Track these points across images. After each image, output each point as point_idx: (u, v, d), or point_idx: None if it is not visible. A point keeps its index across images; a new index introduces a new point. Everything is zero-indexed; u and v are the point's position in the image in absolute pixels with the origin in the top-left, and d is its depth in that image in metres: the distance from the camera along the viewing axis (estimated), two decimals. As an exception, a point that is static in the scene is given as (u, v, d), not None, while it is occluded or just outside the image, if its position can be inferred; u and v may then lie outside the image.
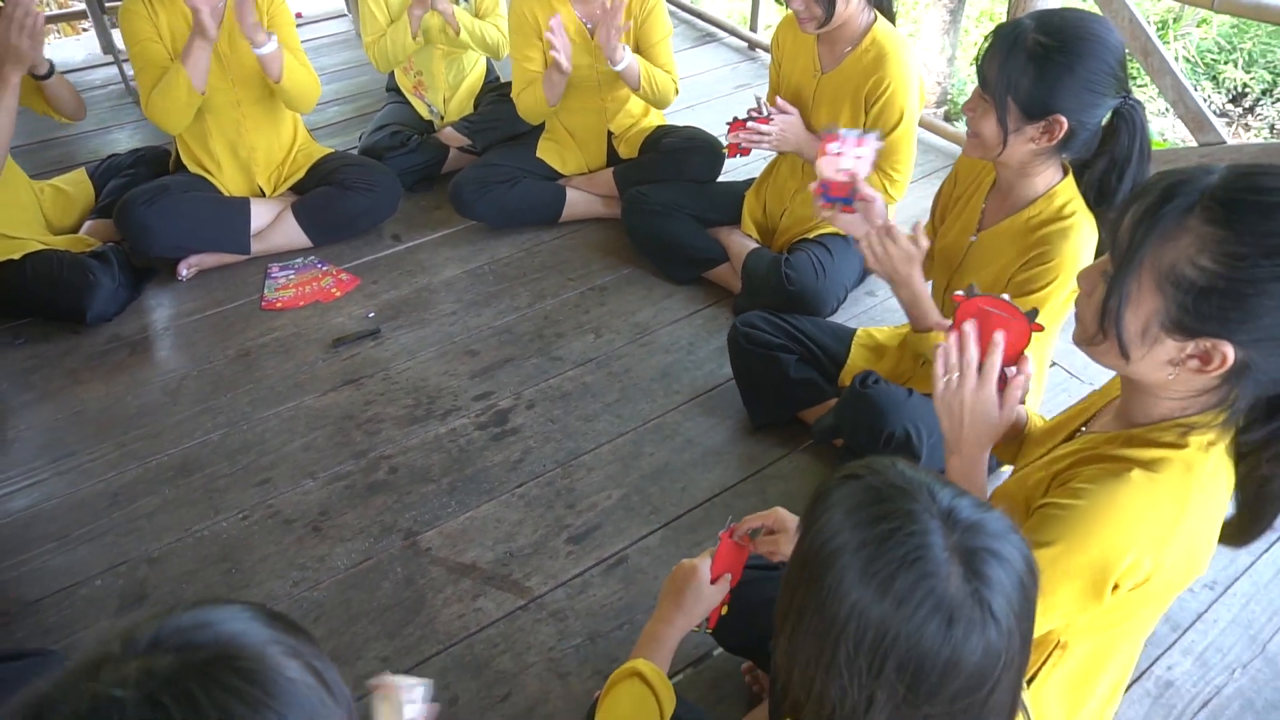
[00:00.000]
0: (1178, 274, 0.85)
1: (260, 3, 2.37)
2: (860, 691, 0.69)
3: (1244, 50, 5.03)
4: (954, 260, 1.68)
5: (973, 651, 0.66)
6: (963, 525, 0.69)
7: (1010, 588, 0.68)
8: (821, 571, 0.71)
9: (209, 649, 0.55)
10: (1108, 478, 0.95)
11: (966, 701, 0.68)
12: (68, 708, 0.52)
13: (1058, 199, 1.50)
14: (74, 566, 1.77)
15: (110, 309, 2.35)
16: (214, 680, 0.53)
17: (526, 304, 2.45)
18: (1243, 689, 1.53)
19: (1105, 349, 0.95)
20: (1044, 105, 1.38)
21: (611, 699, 1.12)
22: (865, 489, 0.73)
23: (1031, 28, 1.37)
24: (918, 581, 0.67)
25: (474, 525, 1.84)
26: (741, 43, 3.95)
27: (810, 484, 1.92)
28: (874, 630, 0.68)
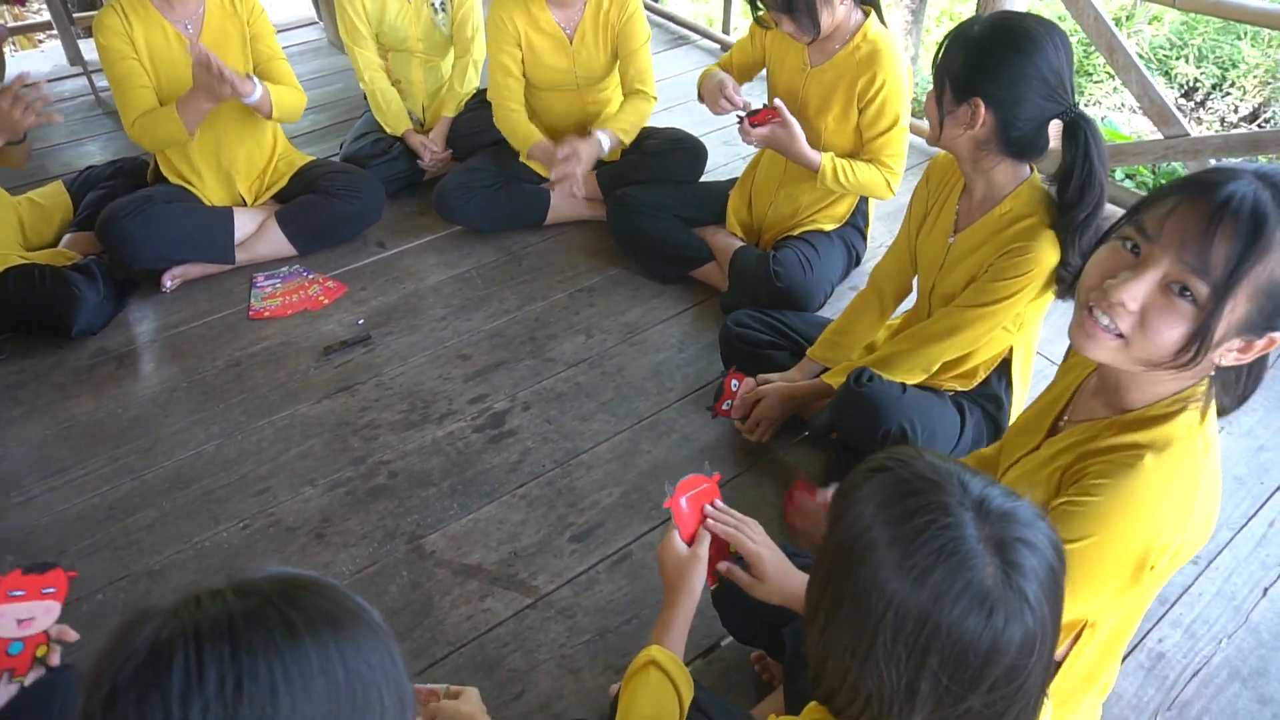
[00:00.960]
0: (1274, 285, 0.87)
1: (241, 12, 2.37)
2: (899, 681, 0.70)
3: (1194, 46, 5.18)
4: (936, 262, 1.74)
5: (1012, 640, 0.68)
6: (995, 515, 0.71)
7: (1043, 574, 0.70)
8: (856, 565, 0.72)
9: (291, 574, 0.61)
10: (1123, 469, 0.98)
11: (1004, 690, 0.69)
12: (184, 616, 0.56)
13: (1023, 196, 1.56)
14: (73, 582, 1.73)
15: (95, 322, 2.32)
16: (305, 588, 0.59)
17: (516, 307, 2.47)
18: (1229, 658, 1.59)
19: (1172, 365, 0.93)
20: (968, 86, 1.47)
21: (630, 692, 1.13)
22: (895, 481, 0.74)
23: (979, 22, 1.48)
24: (955, 574, 0.68)
25: (477, 527, 1.85)
26: (714, 45, 3.99)
27: (804, 464, 1.96)
28: (914, 622, 0.68)
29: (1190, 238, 0.88)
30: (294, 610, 0.57)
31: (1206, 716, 1.50)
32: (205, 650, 0.54)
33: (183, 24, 2.31)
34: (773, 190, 2.37)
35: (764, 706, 1.48)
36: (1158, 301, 0.90)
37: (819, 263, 2.22)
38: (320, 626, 0.57)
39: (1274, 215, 0.85)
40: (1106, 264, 0.96)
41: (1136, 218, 0.94)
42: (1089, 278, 0.98)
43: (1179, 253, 0.88)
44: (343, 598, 0.61)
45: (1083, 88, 4.87)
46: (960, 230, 1.67)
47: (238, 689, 0.53)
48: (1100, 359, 0.98)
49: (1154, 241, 0.91)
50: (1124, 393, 1.04)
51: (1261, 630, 1.63)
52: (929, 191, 1.79)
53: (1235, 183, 0.87)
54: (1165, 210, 0.90)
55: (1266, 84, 4.85)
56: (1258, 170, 0.88)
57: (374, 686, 0.59)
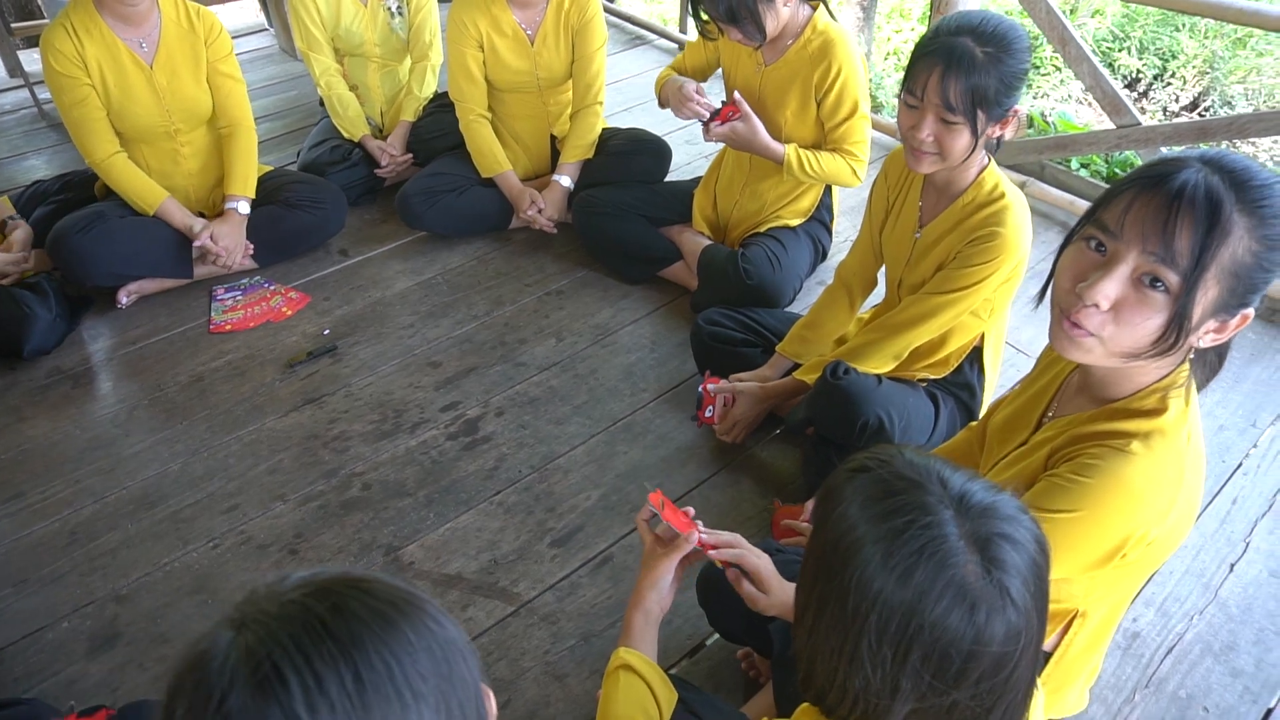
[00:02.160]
0: (1238, 264, 0.89)
1: (199, 30, 2.31)
2: (884, 681, 0.70)
3: (1135, 38, 5.32)
4: (903, 256, 1.76)
5: (995, 636, 0.68)
6: (976, 511, 0.71)
7: (1025, 569, 0.70)
8: (840, 566, 0.72)
9: (343, 572, 0.60)
10: (1115, 454, 0.99)
11: (990, 683, 0.70)
12: (264, 629, 0.55)
13: (987, 183, 1.59)
14: (37, 611, 1.70)
15: (49, 341, 2.25)
16: (367, 579, 0.59)
17: (484, 312, 2.44)
18: (1201, 634, 1.63)
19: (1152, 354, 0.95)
20: (1005, 103, 1.48)
21: (605, 698, 1.12)
22: (876, 481, 0.74)
23: (970, 42, 1.44)
24: (937, 572, 0.68)
25: (455, 536, 1.83)
26: (672, 44, 4.00)
27: (782, 471, 1.97)
28: (897, 622, 0.69)
29: (1151, 230, 0.89)
30: (372, 598, 0.58)
31: (1182, 692, 1.54)
32: (313, 655, 0.53)
33: (137, 42, 2.24)
34: (738, 187, 2.37)
35: (753, 704, 1.48)
36: (1131, 296, 0.92)
37: (787, 259, 2.24)
38: (402, 607, 0.58)
39: (1228, 199, 0.87)
40: (1075, 266, 0.97)
41: (1096, 217, 0.95)
42: (1061, 283, 1.00)
43: (1143, 245, 0.90)
44: (399, 583, 0.62)
45: (1031, 80, 4.97)
46: (926, 224, 1.69)
47: (358, 682, 0.53)
48: (1083, 360, 1.00)
49: (1117, 238, 0.92)
50: (1108, 386, 1.05)
51: (1230, 605, 1.68)
52: (888, 187, 1.81)
53: (1185, 171, 0.89)
54: (1123, 206, 0.92)
55: (1204, 74, 4.99)
56: (1203, 156, 0.91)
57: (459, 651, 0.60)
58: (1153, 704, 1.52)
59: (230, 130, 2.45)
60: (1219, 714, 1.51)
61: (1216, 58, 4.96)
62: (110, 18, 2.20)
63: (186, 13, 2.31)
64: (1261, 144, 4.08)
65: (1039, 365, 1.28)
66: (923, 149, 1.53)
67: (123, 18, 2.20)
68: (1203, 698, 1.53)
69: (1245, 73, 4.91)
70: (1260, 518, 1.83)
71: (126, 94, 2.25)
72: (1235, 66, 4.92)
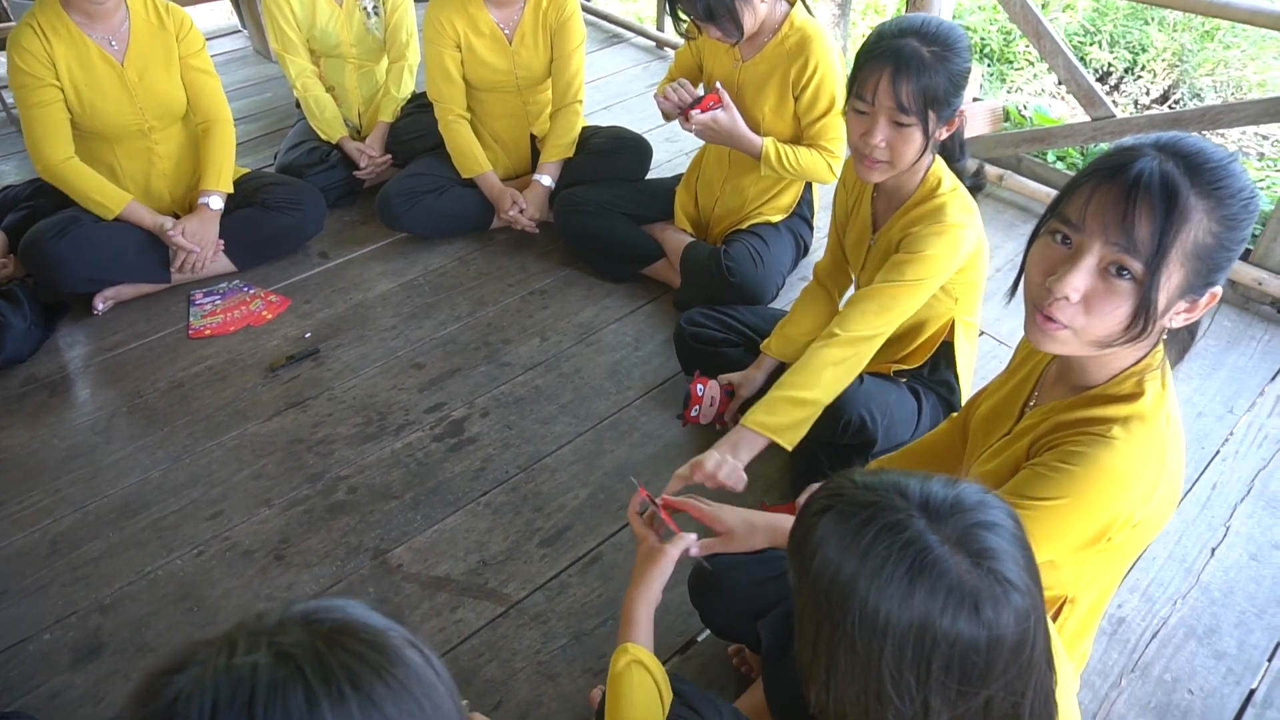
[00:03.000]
0: (1200, 246, 0.91)
1: (170, 27, 2.28)
2: (915, 705, 0.70)
3: (1106, 32, 5.38)
4: (859, 260, 1.79)
5: (1007, 625, 0.69)
6: (944, 512, 0.71)
7: (1011, 548, 0.71)
8: (840, 610, 0.71)
9: (333, 622, 0.59)
10: (1096, 441, 1.01)
11: (1016, 668, 0.70)
12: (208, 675, 0.55)
13: (930, 181, 1.61)
14: (18, 623, 1.67)
15: (24, 350, 2.22)
16: (340, 645, 0.57)
17: (467, 313, 2.43)
18: (1185, 618, 1.66)
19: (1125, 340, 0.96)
20: (953, 103, 1.49)
21: (616, 692, 1.12)
22: (843, 515, 0.74)
23: (915, 44, 1.44)
24: (934, 584, 0.68)
25: (443, 538, 1.82)
26: (649, 42, 4.00)
27: (769, 469, 1.97)
28: (912, 644, 0.69)
29: (1112, 220, 0.91)
30: (321, 677, 0.55)
31: (1168, 675, 1.56)
32: (220, 715, 0.53)
33: (106, 40, 2.21)
34: (719, 184, 2.38)
35: (745, 699, 1.48)
36: (1099, 286, 0.94)
37: (769, 255, 2.24)
38: (347, 700, 0.55)
39: (1184, 184, 0.89)
40: (1044, 261, 0.99)
41: (1059, 211, 0.97)
42: (1031, 278, 1.01)
43: (1106, 236, 0.92)
44: (389, 660, 0.58)
45: (1004, 74, 5.01)
46: (879, 228, 1.71)
47: None
48: (1059, 352, 1.02)
49: (1081, 230, 0.94)
50: (1086, 373, 1.07)
51: (1212, 589, 1.70)
52: (846, 191, 1.83)
53: (1141, 160, 0.90)
54: (1083, 199, 0.94)
55: (1174, 66, 5.06)
56: (1157, 143, 0.92)
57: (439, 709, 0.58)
58: (1139, 688, 1.54)
59: (207, 126, 2.42)
60: (1203, 696, 1.53)
61: (1186, 51, 5.03)
62: (78, 16, 2.17)
63: (156, 9, 2.28)
64: (1230, 135, 4.15)
65: (1018, 356, 1.29)
66: (874, 156, 1.52)
67: (90, 15, 2.17)
68: (1187, 680, 1.55)
69: (1213, 65, 4.98)
70: (1239, 502, 1.86)
71: (97, 92, 2.21)
72: (1204, 59, 4.99)
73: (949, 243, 1.56)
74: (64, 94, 2.19)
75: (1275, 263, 2.35)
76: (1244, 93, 4.83)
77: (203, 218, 2.38)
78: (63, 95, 2.19)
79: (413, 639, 0.61)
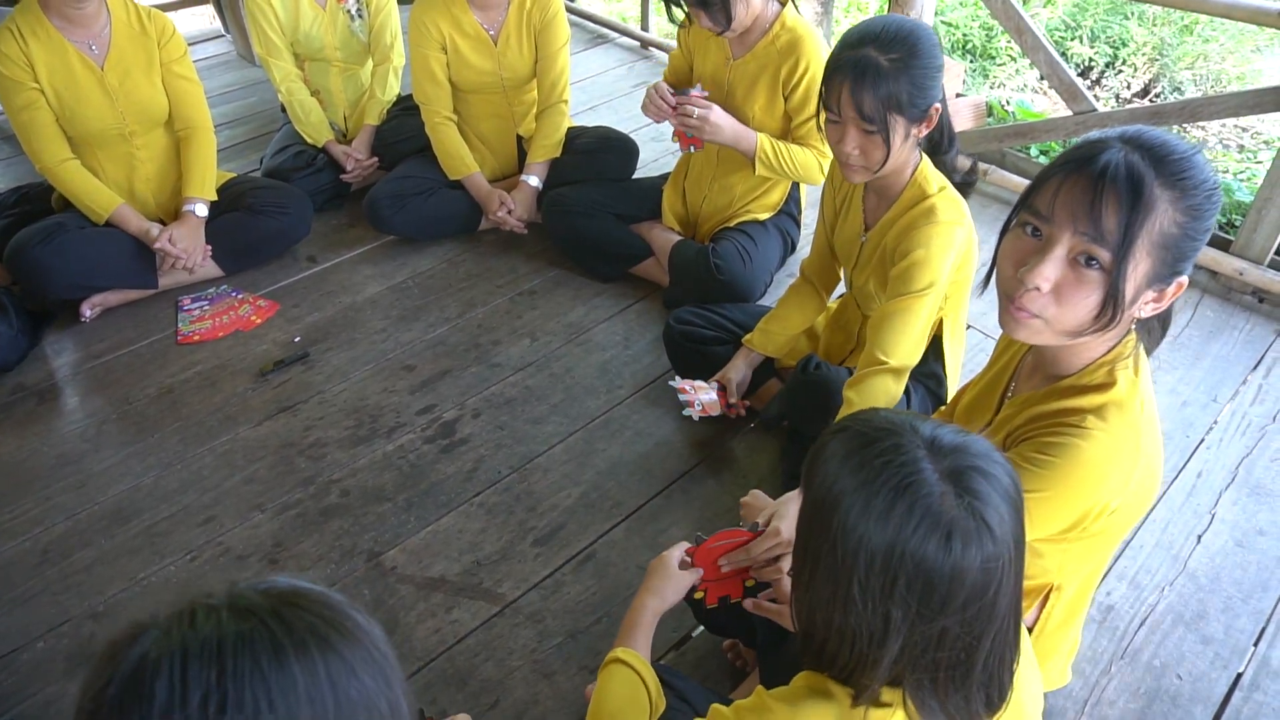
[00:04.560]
0: (1165, 236, 0.93)
1: (151, 32, 2.27)
2: (875, 614, 0.75)
3: (1086, 27, 5.43)
4: (851, 258, 1.80)
5: (973, 560, 0.73)
6: (947, 450, 0.76)
7: (999, 499, 0.75)
8: (828, 516, 0.76)
9: (283, 587, 0.60)
10: (1073, 432, 1.03)
11: (976, 607, 0.74)
12: (174, 637, 0.56)
13: (919, 181, 1.62)
14: (10, 632, 1.67)
15: (10, 358, 2.21)
16: (294, 604, 0.59)
17: (457, 314, 2.43)
18: (1172, 605, 1.68)
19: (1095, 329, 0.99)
20: (921, 104, 1.50)
21: (600, 689, 1.14)
22: (854, 436, 0.79)
23: (873, 53, 1.45)
24: (913, 504, 0.73)
25: (437, 539, 1.82)
26: (634, 42, 4.01)
27: (760, 463, 1.98)
28: (881, 556, 0.73)
29: (1080, 211, 0.93)
30: (284, 631, 0.57)
31: (1157, 661, 1.58)
32: (190, 672, 0.54)
33: (86, 44, 2.20)
34: (707, 182, 2.39)
35: (740, 692, 1.49)
36: (1068, 276, 0.96)
37: (758, 253, 2.25)
38: (310, 648, 0.57)
39: (1149, 175, 0.91)
40: (1015, 253, 1.01)
41: (1029, 203, 1.00)
42: (1003, 269, 1.04)
43: (1074, 227, 0.94)
44: (340, 615, 0.60)
45: (986, 70, 5.05)
46: (871, 226, 1.72)
47: (220, 712, 0.53)
48: (1031, 341, 1.04)
49: (1050, 222, 0.96)
50: (1059, 364, 1.09)
51: (1199, 575, 1.72)
52: (834, 190, 1.84)
53: (1107, 152, 0.93)
54: (1052, 191, 0.96)
55: (1154, 61, 5.11)
56: (1123, 135, 0.95)
57: (363, 710, 0.59)
58: (1129, 674, 1.56)
59: (187, 133, 2.41)
60: (1192, 680, 1.55)
61: (1165, 45, 5.08)
62: (58, 20, 2.16)
63: (138, 14, 2.27)
64: (1210, 127, 4.19)
65: (998, 349, 1.31)
66: (850, 162, 1.56)
67: (70, 19, 2.16)
68: (1176, 665, 1.57)
69: (1193, 59, 5.03)
70: (1224, 490, 1.88)
71: (77, 96, 2.20)
72: (1183, 53, 5.04)
73: (943, 242, 1.57)
74: (45, 97, 2.18)
75: (1256, 253, 2.38)
76: (1223, 86, 4.88)
77: (189, 225, 2.38)
78: (45, 98, 2.18)
79: (352, 604, 0.64)
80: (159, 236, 2.32)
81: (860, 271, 1.75)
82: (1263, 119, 4.40)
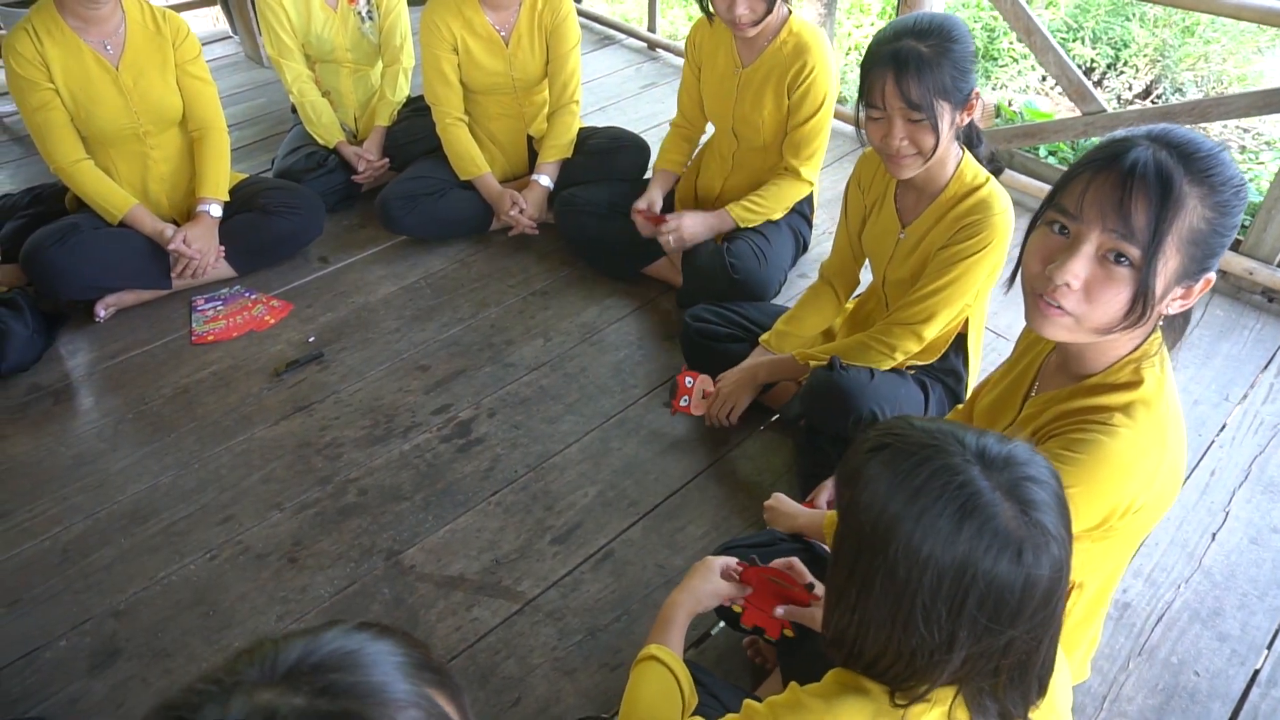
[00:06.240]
0: (1194, 233, 0.94)
1: (166, 33, 2.28)
2: (940, 635, 0.74)
3: (1088, 29, 5.45)
4: (886, 255, 1.79)
5: (1044, 570, 0.73)
6: (999, 463, 0.75)
7: (1052, 502, 0.75)
8: (883, 541, 0.74)
9: (344, 699, 0.51)
10: (1098, 429, 1.03)
11: (1044, 614, 0.74)
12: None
13: (966, 174, 1.63)
14: (32, 631, 1.67)
15: (27, 358, 2.21)
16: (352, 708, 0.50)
17: (470, 314, 2.44)
18: (1188, 602, 1.69)
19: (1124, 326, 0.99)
20: (964, 88, 1.51)
21: (634, 684, 1.14)
22: (898, 455, 0.77)
23: (911, 43, 1.47)
24: (981, 527, 0.72)
25: (455, 537, 1.83)
26: (641, 43, 4.02)
27: (777, 461, 1.99)
28: (950, 580, 0.72)
29: (1109, 208, 0.94)
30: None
31: (1174, 658, 1.59)
32: None
33: (101, 44, 2.21)
34: (720, 180, 2.40)
35: (763, 690, 1.50)
36: (1098, 273, 0.97)
37: (772, 252, 2.26)
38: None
39: (1178, 173, 0.92)
40: (1042, 250, 1.02)
41: (1056, 201, 1.00)
42: (1030, 266, 1.04)
43: (1103, 224, 0.95)
44: (390, 701, 0.52)
45: (989, 71, 5.07)
46: (908, 224, 1.72)
47: None
48: (1060, 338, 1.04)
49: (1078, 219, 0.97)
50: (1085, 361, 1.09)
51: (1214, 573, 1.73)
52: (862, 190, 1.84)
53: (1135, 150, 0.93)
54: (1080, 189, 0.97)
55: (1156, 62, 5.13)
56: (1149, 134, 0.95)
57: None
58: (1146, 671, 1.57)
59: (201, 133, 2.42)
60: (1209, 677, 1.56)
61: (1167, 46, 5.09)
62: (73, 20, 2.17)
63: (152, 15, 2.28)
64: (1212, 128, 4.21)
65: (1019, 347, 1.32)
66: (901, 154, 1.55)
67: (85, 19, 2.17)
68: (1193, 662, 1.58)
69: (1194, 60, 5.05)
70: (1238, 487, 1.89)
71: (91, 96, 2.21)
72: (1185, 55, 5.06)
73: (1003, 226, 1.60)
74: (60, 97, 2.18)
75: (1265, 253, 2.39)
76: (1224, 87, 4.89)
77: (204, 225, 2.38)
78: (59, 98, 2.18)
79: (438, 711, 0.55)
80: (174, 237, 2.32)
81: (897, 266, 1.76)
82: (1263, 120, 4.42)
